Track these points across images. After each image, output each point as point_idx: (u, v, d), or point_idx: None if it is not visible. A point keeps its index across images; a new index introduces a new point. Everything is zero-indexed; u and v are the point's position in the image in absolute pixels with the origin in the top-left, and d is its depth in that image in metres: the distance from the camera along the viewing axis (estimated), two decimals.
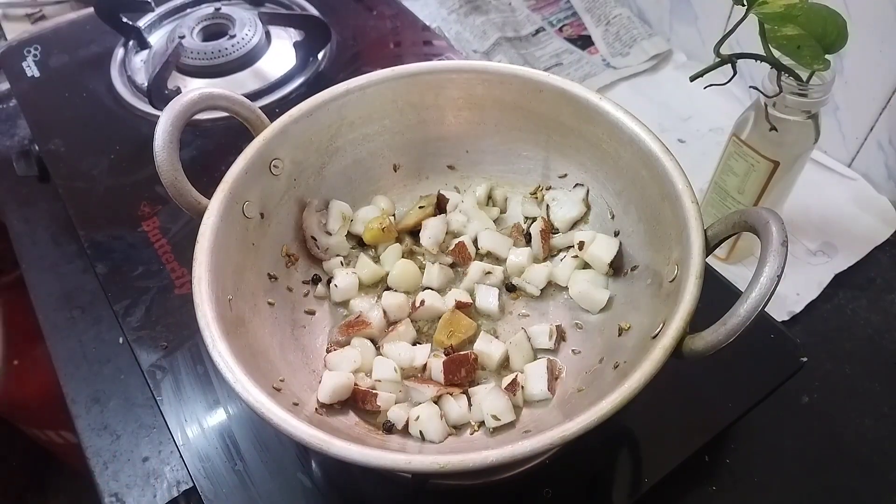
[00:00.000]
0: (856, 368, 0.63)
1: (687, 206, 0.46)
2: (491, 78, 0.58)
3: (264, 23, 0.88)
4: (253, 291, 0.52)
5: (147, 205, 0.72)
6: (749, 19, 0.52)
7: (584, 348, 0.53)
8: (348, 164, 0.60)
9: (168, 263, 0.67)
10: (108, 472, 0.58)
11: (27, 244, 0.76)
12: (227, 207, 0.50)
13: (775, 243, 0.39)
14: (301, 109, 0.55)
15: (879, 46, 0.67)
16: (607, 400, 0.39)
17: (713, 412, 0.55)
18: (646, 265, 0.53)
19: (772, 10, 0.50)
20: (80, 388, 0.63)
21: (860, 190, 0.76)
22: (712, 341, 0.40)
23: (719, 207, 0.67)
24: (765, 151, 0.60)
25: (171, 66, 0.80)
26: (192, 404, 0.57)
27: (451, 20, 1.00)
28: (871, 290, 0.69)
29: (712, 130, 0.84)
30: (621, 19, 0.96)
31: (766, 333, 0.59)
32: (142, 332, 0.63)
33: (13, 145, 0.88)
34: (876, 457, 0.58)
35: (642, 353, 0.42)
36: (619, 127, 0.53)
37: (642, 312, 0.50)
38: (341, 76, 0.58)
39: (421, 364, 0.52)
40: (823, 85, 0.56)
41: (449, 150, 0.63)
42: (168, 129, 0.48)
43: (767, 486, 0.56)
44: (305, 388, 0.50)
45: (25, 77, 0.88)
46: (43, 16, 1.05)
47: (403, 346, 0.53)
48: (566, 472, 0.52)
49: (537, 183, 0.62)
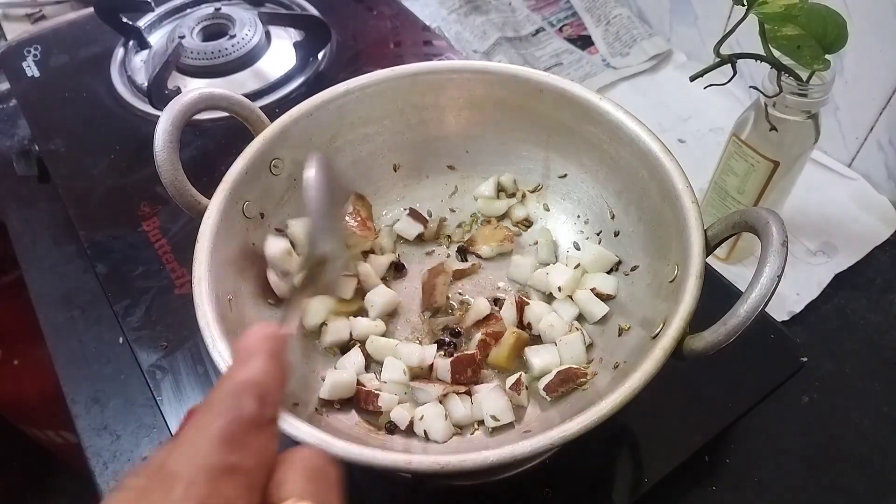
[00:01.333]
0: (856, 368, 0.63)
1: (687, 207, 0.46)
2: (491, 78, 0.58)
3: (264, 23, 0.88)
4: (253, 291, 0.52)
5: (147, 205, 0.72)
6: (749, 19, 0.52)
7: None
8: (348, 163, 0.60)
9: (168, 263, 0.67)
10: (109, 472, 0.58)
11: (27, 244, 0.76)
12: (227, 207, 0.50)
13: (776, 243, 0.39)
14: (301, 109, 0.55)
15: (879, 46, 0.67)
16: (607, 400, 0.39)
17: (713, 412, 0.55)
18: (646, 265, 0.53)
19: (772, 10, 0.50)
20: (80, 388, 0.63)
21: (860, 190, 0.76)
22: (713, 341, 0.40)
23: (719, 207, 0.67)
24: (765, 151, 0.60)
25: (171, 66, 0.80)
26: (192, 404, 0.57)
27: (451, 20, 1.00)
28: (871, 290, 0.69)
29: (712, 130, 0.84)
30: (621, 19, 0.96)
31: (766, 333, 0.59)
32: (142, 332, 0.63)
33: (13, 145, 0.87)
34: (876, 457, 0.58)
35: (642, 354, 0.42)
36: (620, 127, 0.53)
37: (642, 312, 0.50)
38: (341, 76, 0.58)
39: (428, 364, 0.52)
40: (823, 85, 0.56)
41: (449, 150, 0.63)
42: (168, 128, 0.48)
43: (767, 486, 0.56)
44: (305, 388, 0.50)
45: (25, 77, 0.88)
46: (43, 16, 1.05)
47: (415, 348, 0.52)
48: (566, 472, 0.52)
49: (538, 182, 0.62)
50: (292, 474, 0.24)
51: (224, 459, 0.22)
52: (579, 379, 0.49)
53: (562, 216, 0.61)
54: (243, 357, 0.25)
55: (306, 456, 0.25)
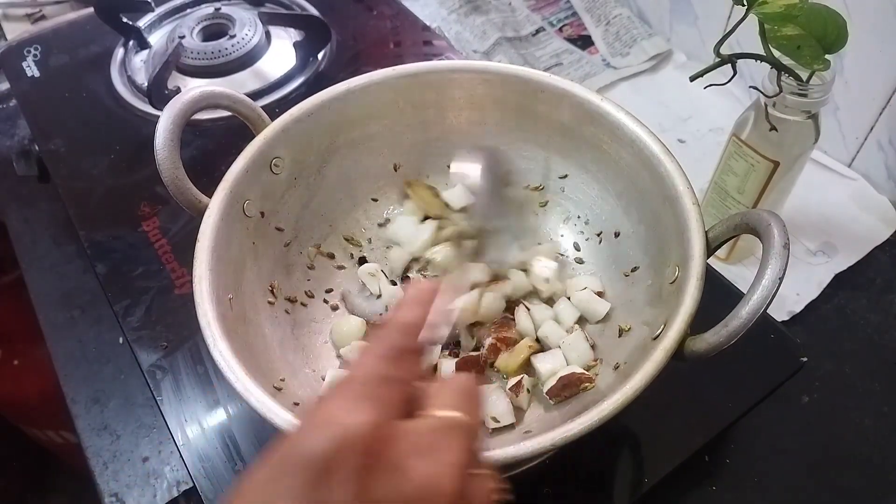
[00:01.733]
0: (856, 368, 0.63)
1: (688, 208, 0.46)
2: (491, 78, 0.58)
3: (264, 23, 0.88)
4: (253, 290, 0.52)
5: (147, 205, 0.72)
6: (749, 19, 0.52)
7: None
8: (349, 163, 0.60)
9: (168, 263, 0.67)
10: (108, 472, 0.58)
11: (27, 244, 0.76)
12: (227, 206, 0.50)
13: (777, 245, 0.39)
14: (302, 109, 0.55)
15: (879, 46, 0.67)
16: (608, 401, 0.39)
17: (713, 412, 0.55)
18: (646, 266, 0.53)
19: (772, 10, 0.50)
20: (80, 388, 0.63)
21: (860, 190, 0.76)
22: (714, 343, 0.40)
23: (719, 207, 0.67)
24: (765, 151, 0.60)
25: (171, 66, 0.80)
26: (192, 404, 0.57)
27: (451, 20, 1.00)
28: (871, 290, 0.69)
29: (712, 130, 0.84)
30: (621, 19, 0.96)
31: (767, 333, 0.59)
32: (142, 332, 0.63)
33: (13, 145, 0.87)
34: (876, 457, 0.58)
35: (643, 355, 0.42)
36: (620, 128, 0.53)
37: (643, 314, 0.50)
38: (341, 76, 0.58)
39: (434, 363, 0.52)
40: (823, 85, 0.56)
41: (449, 150, 0.62)
42: (169, 127, 0.48)
43: (767, 486, 0.56)
44: (305, 387, 0.50)
45: (25, 77, 0.88)
46: (43, 16, 1.05)
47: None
48: (566, 472, 0.52)
49: (538, 183, 0.62)
50: (446, 390, 0.30)
51: (386, 370, 0.29)
52: (583, 384, 0.49)
53: (562, 216, 0.61)
54: (406, 303, 0.33)
55: (459, 379, 0.32)
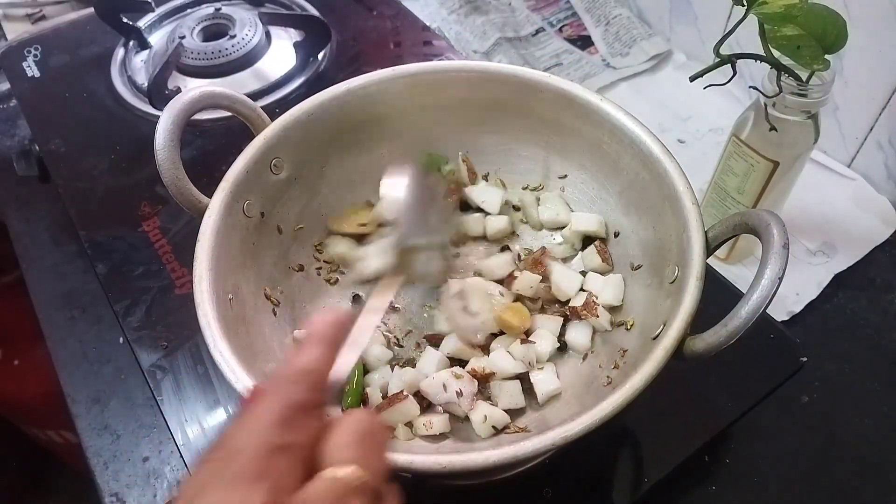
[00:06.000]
0: (856, 368, 0.63)
1: (687, 208, 0.46)
2: (491, 78, 0.58)
3: (264, 23, 0.88)
4: (253, 290, 0.52)
5: (147, 205, 0.72)
6: (749, 19, 0.52)
7: None
8: (349, 163, 0.60)
9: (168, 263, 0.67)
10: (109, 471, 0.58)
11: (27, 244, 0.76)
12: (227, 206, 0.50)
13: (776, 245, 0.39)
14: (302, 109, 0.55)
15: (879, 46, 0.67)
16: (608, 401, 0.39)
17: (713, 412, 0.55)
18: (646, 266, 0.53)
19: (772, 10, 0.50)
20: (81, 388, 0.63)
21: (860, 190, 0.76)
22: (713, 343, 0.40)
23: (719, 207, 0.67)
24: (765, 151, 0.60)
25: (171, 66, 0.80)
26: (193, 404, 0.57)
27: (451, 20, 1.00)
28: (871, 290, 0.69)
29: (712, 130, 0.84)
30: (621, 19, 0.96)
31: (766, 333, 0.59)
32: (142, 332, 0.63)
33: (13, 145, 0.87)
34: (876, 457, 0.58)
35: (643, 354, 0.42)
36: (620, 128, 0.53)
37: (643, 313, 0.50)
38: (341, 76, 0.58)
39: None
40: (823, 85, 0.56)
41: (449, 150, 0.63)
42: (169, 127, 0.48)
43: (767, 486, 0.56)
44: None
45: (25, 77, 0.88)
46: (43, 16, 1.05)
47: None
48: (566, 472, 0.52)
49: (538, 183, 0.62)
50: (342, 438, 0.27)
51: (279, 438, 0.25)
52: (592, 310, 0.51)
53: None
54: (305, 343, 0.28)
55: (356, 419, 0.27)
